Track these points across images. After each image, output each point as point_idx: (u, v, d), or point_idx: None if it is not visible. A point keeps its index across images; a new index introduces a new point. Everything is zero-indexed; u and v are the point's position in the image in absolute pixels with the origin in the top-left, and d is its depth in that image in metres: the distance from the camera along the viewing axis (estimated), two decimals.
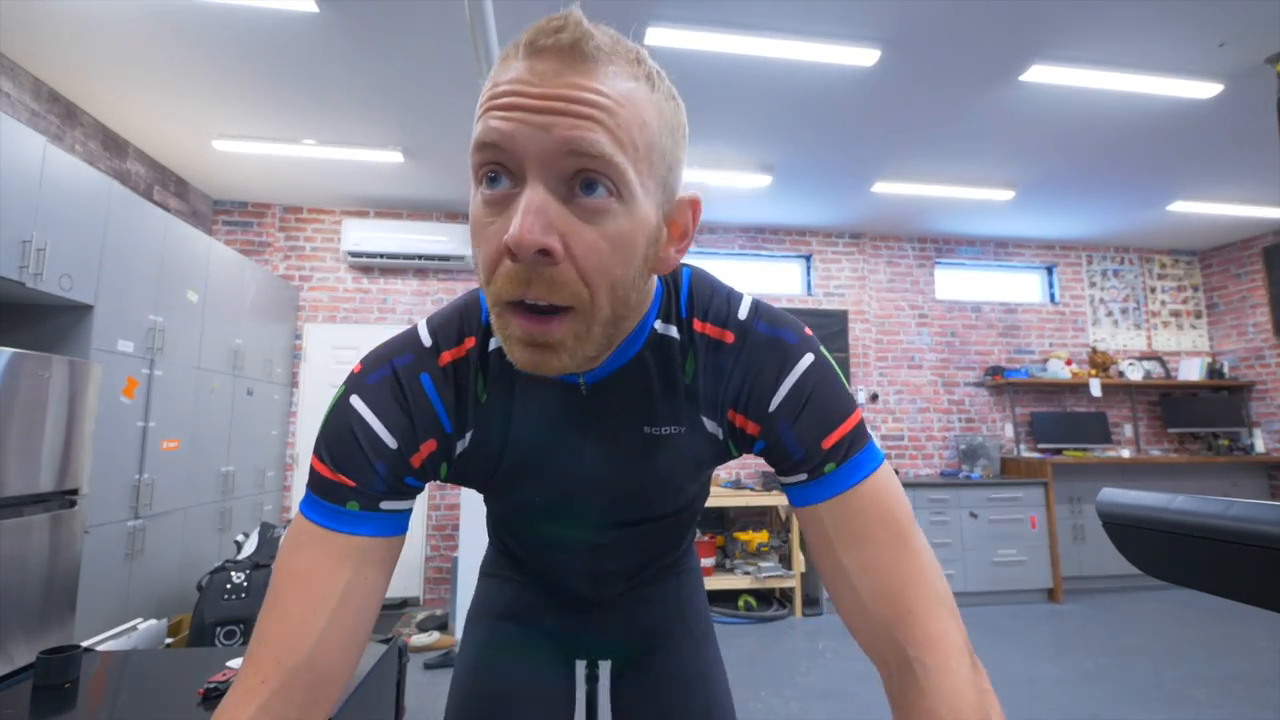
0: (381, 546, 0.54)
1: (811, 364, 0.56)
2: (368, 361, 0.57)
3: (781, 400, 0.55)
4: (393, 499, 0.55)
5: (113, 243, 2.46)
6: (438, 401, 0.57)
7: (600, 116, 0.42)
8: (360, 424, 0.54)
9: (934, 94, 2.93)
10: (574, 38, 0.42)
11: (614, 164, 0.43)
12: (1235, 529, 0.44)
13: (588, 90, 0.42)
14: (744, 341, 0.58)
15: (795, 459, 0.55)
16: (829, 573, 0.55)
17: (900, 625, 0.50)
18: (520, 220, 0.41)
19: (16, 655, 1.86)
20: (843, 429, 0.54)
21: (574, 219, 0.43)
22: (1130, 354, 5.13)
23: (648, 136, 0.45)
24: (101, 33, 2.45)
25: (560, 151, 0.42)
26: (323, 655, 0.50)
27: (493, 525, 0.88)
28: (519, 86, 0.42)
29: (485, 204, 0.45)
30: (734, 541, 4.13)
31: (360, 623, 0.53)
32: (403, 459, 0.55)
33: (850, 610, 0.54)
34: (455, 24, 2.35)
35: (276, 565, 0.53)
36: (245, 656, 0.50)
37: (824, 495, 0.54)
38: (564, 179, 0.43)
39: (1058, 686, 2.72)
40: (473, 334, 0.59)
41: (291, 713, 0.49)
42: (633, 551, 0.79)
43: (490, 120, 0.43)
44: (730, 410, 0.59)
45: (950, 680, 0.48)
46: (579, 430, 0.60)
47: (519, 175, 0.43)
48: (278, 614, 0.50)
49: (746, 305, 0.60)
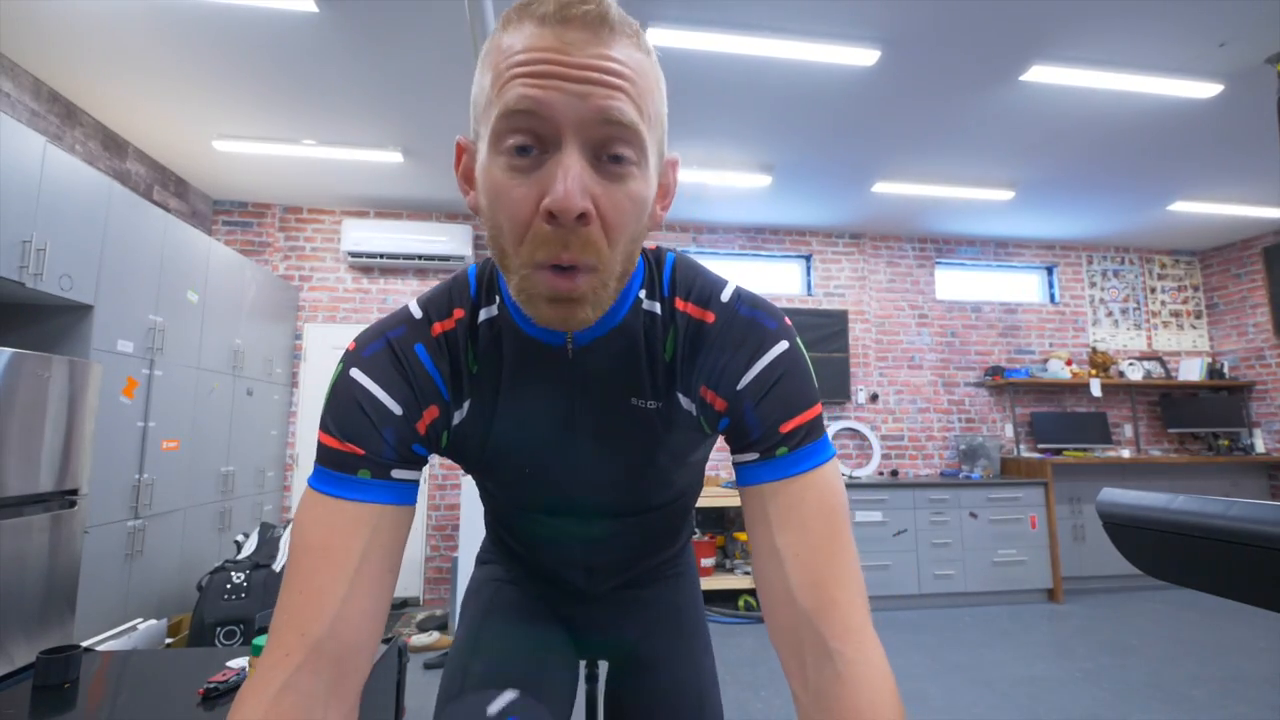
0: (393, 515, 0.54)
1: (785, 350, 0.58)
2: (361, 338, 0.59)
3: (750, 380, 0.57)
4: (402, 467, 0.56)
5: (113, 243, 2.46)
6: (434, 370, 0.58)
7: (626, 87, 0.45)
8: (364, 394, 0.54)
9: (934, 94, 2.93)
10: (601, 11, 0.44)
11: (638, 132, 0.46)
12: (1235, 529, 0.44)
13: (614, 61, 0.45)
14: (724, 322, 0.60)
15: (751, 438, 0.57)
16: (762, 553, 0.56)
17: (823, 615, 0.51)
18: (564, 185, 0.43)
19: (16, 655, 1.86)
20: (802, 418, 0.56)
21: (604, 182, 0.46)
22: (1130, 354, 5.13)
23: (655, 104, 0.49)
24: (101, 33, 2.45)
25: (595, 120, 0.44)
26: (346, 624, 0.49)
27: (490, 521, 0.88)
28: (551, 55, 0.43)
29: (511, 169, 0.46)
30: (734, 541, 4.13)
31: (380, 591, 0.53)
32: (409, 424, 0.56)
33: (775, 593, 0.54)
34: (455, 24, 2.35)
35: (292, 541, 0.53)
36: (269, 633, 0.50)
37: (770, 476, 0.56)
38: (593, 145, 0.45)
39: (1058, 686, 2.72)
40: (461, 306, 0.60)
41: (320, 688, 0.48)
42: (627, 544, 0.79)
43: (523, 88, 0.44)
44: (703, 386, 0.60)
45: (869, 671, 0.49)
46: (567, 395, 0.61)
47: (551, 141, 0.45)
48: (298, 585, 0.50)
49: (729, 289, 0.62)
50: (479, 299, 0.61)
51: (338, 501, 0.52)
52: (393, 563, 0.54)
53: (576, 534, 0.75)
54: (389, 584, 0.54)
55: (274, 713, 0.46)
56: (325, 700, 0.48)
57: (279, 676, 0.47)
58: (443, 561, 4.13)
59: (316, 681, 0.48)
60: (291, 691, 0.46)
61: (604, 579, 0.82)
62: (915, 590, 3.97)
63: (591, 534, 0.75)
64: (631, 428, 0.62)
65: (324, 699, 0.48)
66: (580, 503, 0.70)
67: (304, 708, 0.47)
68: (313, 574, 0.50)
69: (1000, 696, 2.62)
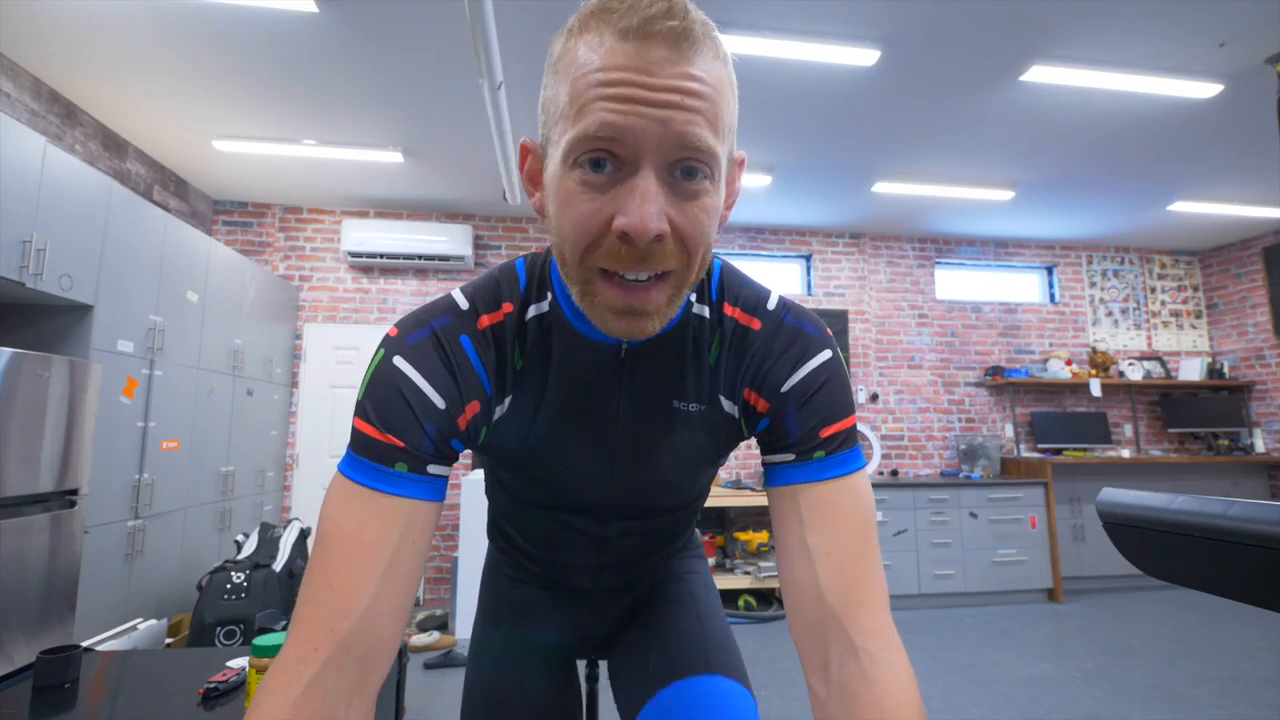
0: (426, 511, 0.54)
1: (829, 359, 0.60)
2: (404, 325, 0.57)
3: (795, 383, 0.59)
4: (438, 462, 0.55)
5: (113, 243, 2.46)
6: (479, 363, 0.57)
7: (704, 109, 0.45)
8: (408, 384, 0.53)
9: (934, 94, 2.93)
10: (684, 26, 0.43)
11: (714, 154, 0.46)
12: (1235, 529, 0.44)
13: (694, 80, 0.44)
14: (770, 329, 0.61)
15: (790, 439, 0.58)
16: (791, 551, 0.56)
17: (850, 615, 0.52)
18: (639, 209, 0.44)
19: (16, 655, 1.86)
20: (840, 425, 0.58)
21: (677, 200, 0.47)
22: (1130, 354, 5.12)
23: (729, 117, 0.49)
24: (102, 33, 2.45)
25: (673, 145, 0.45)
26: (374, 621, 0.48)
27: (496, 520, 0.88)
28: (632, 76, 0.43)
29: (585, 184, 0.46)
30: (734, 541, 4.13)
31: (408, 589, 0.52)
32: (450, 420, 0.55)
33: (803, 590, 0.55)
34: (455, 24, 2.34)
35: (320, 529, 0.51)
36: (292, 623, 0.48)
37: (806, 478, 0.57)
38: (669, 165, 0.46)
39: (1058, 686, 2.72)
40: (510, 300, 0.60)
41: (345, 686, 0.47)
42: (635, 546, 0.79)
43: (605, 114, 0.44)
44: (747, 389, 0.62)
45: (894, 672, 0.50)
46: (612, 394, 0.61)
47: (629, 163, 0.45)
48: (327, 577, 0.49)
49: (775, 298, 0.64)
50: (529, 295, 0.61)
51: (372, 493, 0.51)
52: (420, 559, 0.54)
53: (589, 532, 0.75)
54: (415, 581, 0.53)
55: (300, 711, 0.45)
56: (349, 699, 0.47)
57: (306, 672, 0.46)
58: (443, 561, 4.13)
59: (342, 679, 0.47)
60: (318, 689, 0.46)
61: (608, 579, 0.83)
62: (915, 590, 3.97)
63: (604, 533, 0.75)
64: (671, 429, 0.63)
65: (348, 698, 0.47)
66: (601, 503, 0.70)
67: (329, 706, 0.46)
68: (343, 567, 0.49)
69: (1000, 696, 2.62)
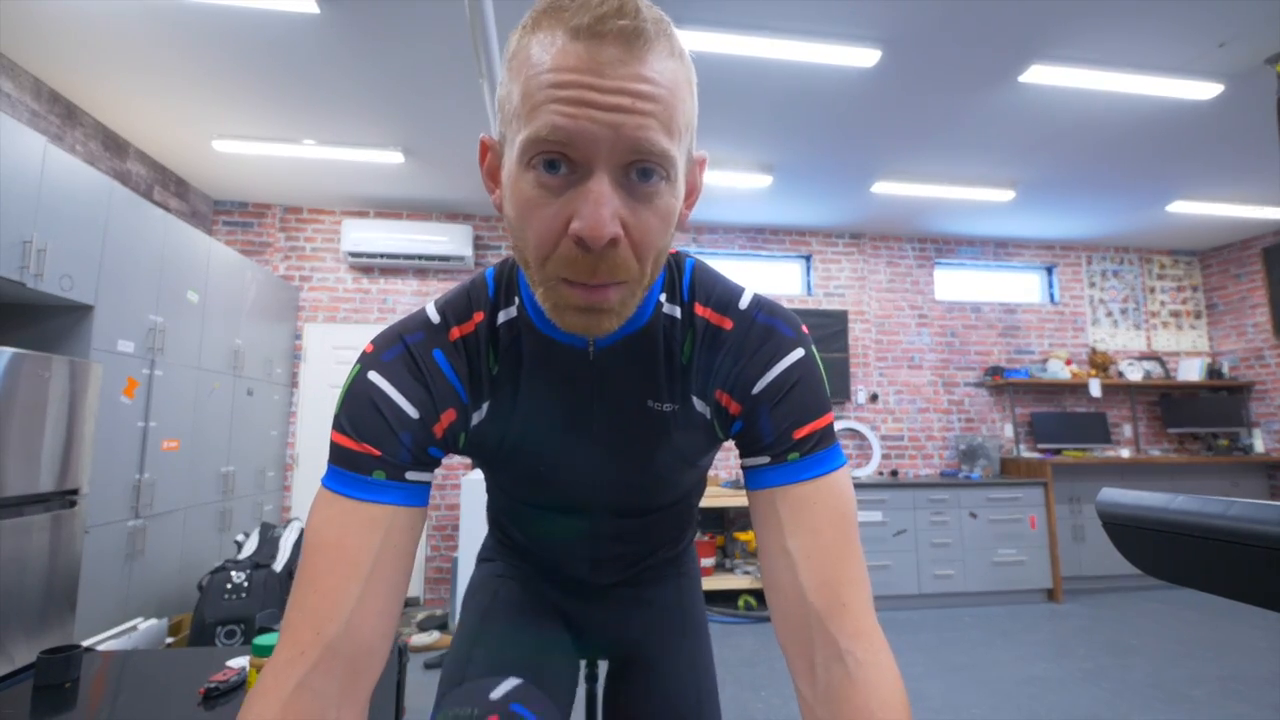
0: (407, 516, 0.54)
1: (801, 358, 0.59)
2: (380, 341, 0.59)
3: (766, 384, 0.58)
4: (416, 469, 0.56)
5: (113, 243, 2.46)
6: (452, 374, 0.59)
7: (657, 110, 0.44)
8: (381, 397, 0.55)
9: (934, 94, 2.93)
10: (636, 24, 0.43)
11: (668, 156, 0.46)
12: (1235, 529, 0.44)
13: (646, 82, 0.44)
14: (742, 328, 0.60)
15: (764, 442, 0.58)
16: (773, 555, 0.56)
17: (834, 617, 0.52)
18: (592, 214, 0.44)
19: (16, 655, 1.86)
20: (814, 425, 0.57)
21: (632, 203, 0.46)
22: (1130, 354, 5.13)
23: (685, 115, 0.48)
24: (102, 33, 2.45)
25: (626, 149, 0.44)
26: (360, 624, 0.49)
27: (494, 515, 0.88)
28: (583, 78, 0.43)
29: (541, 186, 0.46)
30: (734, 541, 4.13)
31: (393, 592, 0.53)
32: (425, 429, 0.56)
33: (786, 596, 0.55)
34: (455, 24, 2.35)
35: (306, 540, 0.53)
36: (281, 629, 0.50)
37: (782, 480, 0.56)
38: (622, 168, 0.45)
39: (1058, 686, 2.72)
40: (481, 309, 0.61)
41: (333, 688, 0.48)
42: (632, 542, 0.80)
43: (555, 117, 0.43)
44: (718, 390, 0.61)
45: (880, 674, 0.50)
46: (586, 396, 0.61)
47: (581, 166, 0.45)
48: (312, 583, 0.50)
49: (748, 297, 0.63)
50: (498, 301, 0.61)
51: (352, 502, 0.52)
52: (405, 564, 0.54)
53: (583, 531, 0.75)
54: (402, 586, 0.54)
55: (289, 712, 0.45)
56: (338, 701, 0.48)
57: (294, 674, 0.47)
58: (443, 561, 4.13)
59: (330, 682, 0.48)
60: (306, 691, 0.46)
61: (607, 575, 0.83)
62: (915, 590, 3.97)
63: (598, 531, 0.75)
64: (646, 429, 0.63)
65: (337, 700, 0.48)
66: (590, 501, 0.71)
67: (318, 708, 0.47)
68: (327, 573, 0.50)
69: (1000, 696, 2.62)
